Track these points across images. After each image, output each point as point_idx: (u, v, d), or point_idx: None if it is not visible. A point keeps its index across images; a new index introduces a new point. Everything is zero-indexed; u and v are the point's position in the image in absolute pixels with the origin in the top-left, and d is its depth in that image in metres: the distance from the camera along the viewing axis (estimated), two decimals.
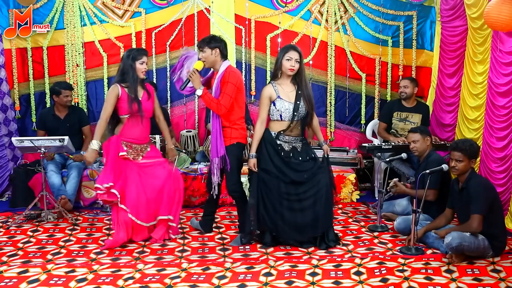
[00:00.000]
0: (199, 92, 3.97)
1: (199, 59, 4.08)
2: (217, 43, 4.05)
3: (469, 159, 3.79)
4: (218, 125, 4.07)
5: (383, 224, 4.57)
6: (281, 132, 4.00)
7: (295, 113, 3.95)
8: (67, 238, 4.37)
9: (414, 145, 4.54)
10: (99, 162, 5.52)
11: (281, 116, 3.96)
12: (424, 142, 4.52)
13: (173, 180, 4.23)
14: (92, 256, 3.94)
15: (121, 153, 4.08)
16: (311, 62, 6.36)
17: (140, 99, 4.10)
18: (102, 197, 4.06)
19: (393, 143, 5.34)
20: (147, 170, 4.18)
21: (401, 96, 5.67)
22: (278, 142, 4.00)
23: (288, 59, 3.92)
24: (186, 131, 6.02)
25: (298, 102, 3.95)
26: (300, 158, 4.03)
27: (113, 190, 4.01)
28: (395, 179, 4.60)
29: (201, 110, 6.33)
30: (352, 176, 5.52)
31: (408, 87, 5.62)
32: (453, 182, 4.00)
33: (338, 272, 3.49)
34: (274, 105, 3.96)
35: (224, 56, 4.08)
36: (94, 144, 4.01)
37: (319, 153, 4.19)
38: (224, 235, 4.42)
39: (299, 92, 3.97)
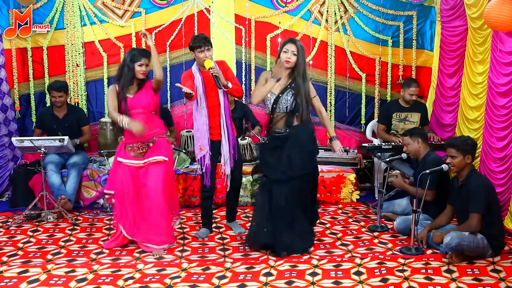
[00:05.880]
0: (230, 85, 4.14)
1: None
2: None
3: (463, 154, 3.78)
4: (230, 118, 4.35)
5: (383, 224, 4.58)
6: (270, 125, 4.02)
7: (274, 106, 3.94)
8: (67, 238, 4.38)
9: (406, 148, 4.61)
10: (99, 162, 5.53)
11: (267, 106, 4.02)
12: (413, 143, 4.54)
13: (167, 196, 4.05)
14: (92, 256, 3.94)
15: (118, 158, 4.09)
16: (311, 62, 6.36)
17: (132, 96, 4.03)
18: (109, 201, 4.31)
19: (393, 143, 5.34)
20: (142, 181, 4.04)
21: (410, 102, 5.63)
22: (269, 136, 4.02)
23: (285, 51, 3.91)
24: (186, 131, 6.01)
25: (280, 95, 3.92)
26: (292, 146, 3.92)
27: (113, 200, 4.12)
28: (397, 172, 4.62)
29: None
30: (352, 176, 5.52)
31: (417, 91, 5.64)
32: (453, 179, 4.00)
33: (338, 272, 3.50)
34: None
35: None
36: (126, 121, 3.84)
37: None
38: (224, 235, 4.42)
39: (291, 85, 3.93)
